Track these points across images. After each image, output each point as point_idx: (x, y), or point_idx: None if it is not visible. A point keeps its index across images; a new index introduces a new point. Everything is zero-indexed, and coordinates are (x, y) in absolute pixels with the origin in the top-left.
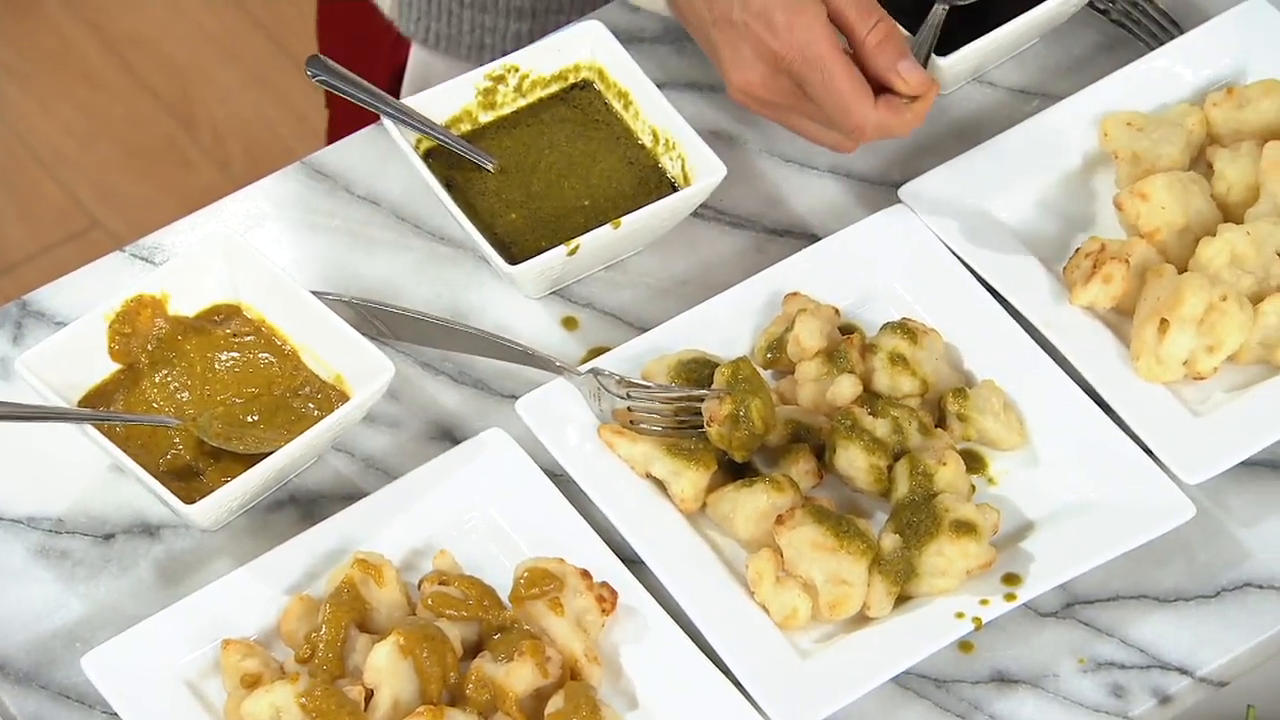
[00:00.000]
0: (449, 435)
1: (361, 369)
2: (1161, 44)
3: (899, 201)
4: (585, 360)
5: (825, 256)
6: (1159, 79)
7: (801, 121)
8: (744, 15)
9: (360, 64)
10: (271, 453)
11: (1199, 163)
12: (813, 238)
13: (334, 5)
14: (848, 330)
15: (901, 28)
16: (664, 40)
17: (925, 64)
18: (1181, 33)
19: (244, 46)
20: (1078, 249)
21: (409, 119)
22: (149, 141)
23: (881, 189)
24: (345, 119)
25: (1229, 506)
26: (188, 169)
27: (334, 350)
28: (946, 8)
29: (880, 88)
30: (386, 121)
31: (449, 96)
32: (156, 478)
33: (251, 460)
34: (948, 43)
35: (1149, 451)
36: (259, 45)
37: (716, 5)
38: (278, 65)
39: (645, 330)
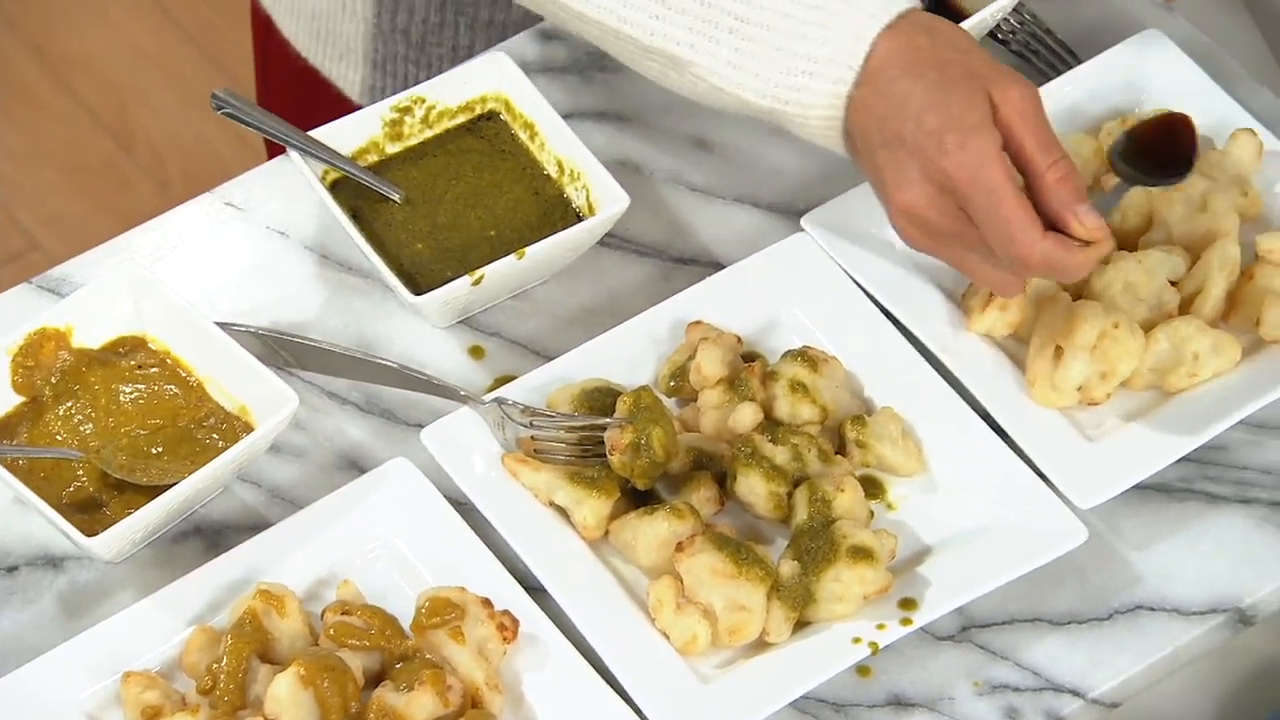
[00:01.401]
0: (355, 465)
1: (266, 400)
2: (1060, 74)
3: (802, 230)
4: (491, 389)
5: (728, 285)
6: (1057, 108)
7: (965, 255)
8: (916, 135)
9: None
10: (175, 484)
11: (1096, 191)
12: (718, 266)
13: (281, 79)
14: (750, 358)
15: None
16: (573, 70)
17: None
18: (1080, 63)
19: (182, 66)
20: None
21: (315, 151)
22: (88, 162)
23: (786, 217)
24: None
25: (1122, 530)
26: (126, 189)
27: (239, 381)
28: (1129, 187)
29: (1051, 227)
30: (293, 153)
31: (356, 128)
32: (59, 510)
33: (155, 492)
34: None
35: (1044, 476)
36: (197, 65)
37: (889, 127)
38: (216, 85)
39: (551, 359)
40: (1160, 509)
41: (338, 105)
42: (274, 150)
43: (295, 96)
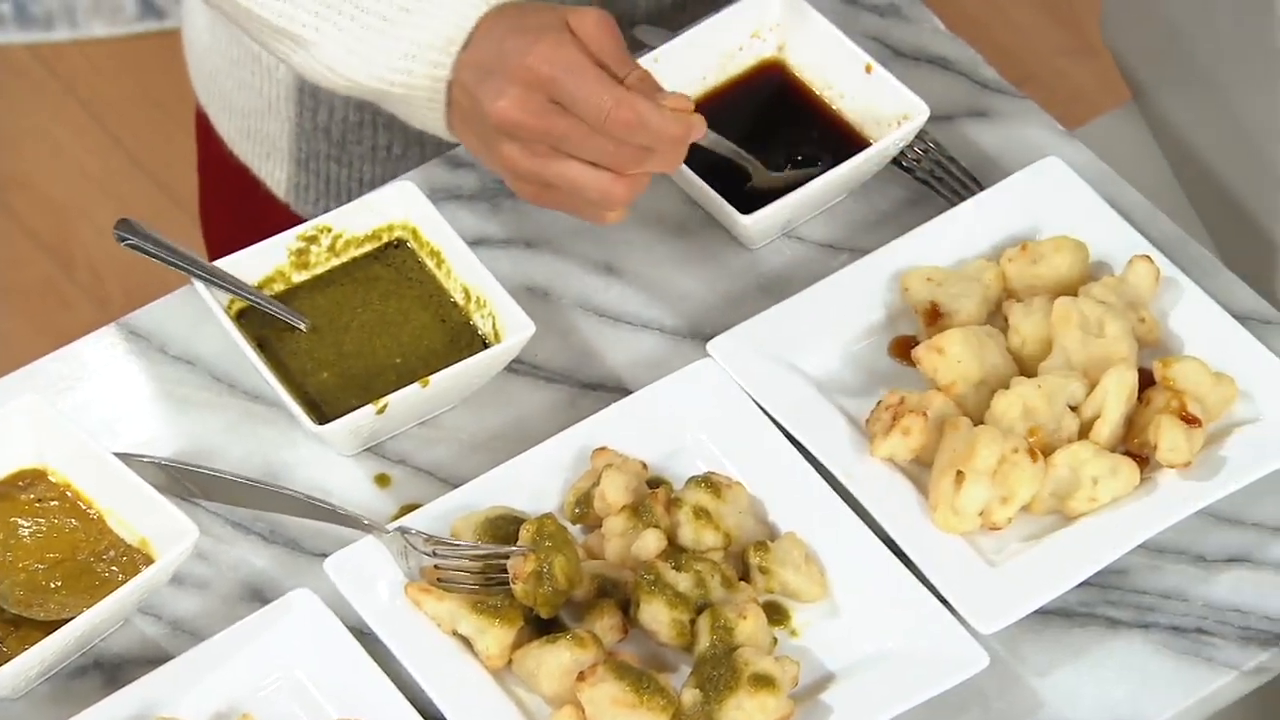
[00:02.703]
0: (259, 595)
1: (166, 532)
2: (963, 200)
3: (708, 355)
4: (397, 517)
5: (634, 411)
6: (959, 235)
7: (566, 161)
8: (500, 57)
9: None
10: (73, 619)
11: (996, 317)
12: (625, 391)
13: (218, 177)
14: (656, 484)
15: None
16: (481, 197)
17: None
18: (982, 189)
19: (124, 186)
20: (879, 401)
21: (220, 280)
22: (26, 282)
23: (692, 342)
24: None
25: (1024, 655)
26: (66, 309)
27: (139, 513)
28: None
29: None
30: (197, 284)
31: (262, 257)
32: None
33: (53, 627)
34: (757, 200)
35: (946, 602)
36: (139, 185)
37: (480, 70)
38: (156, 204)
39: (458, 485)
40: (1062, 633)
41: (268, 204)
42: None
43: (231, 195)
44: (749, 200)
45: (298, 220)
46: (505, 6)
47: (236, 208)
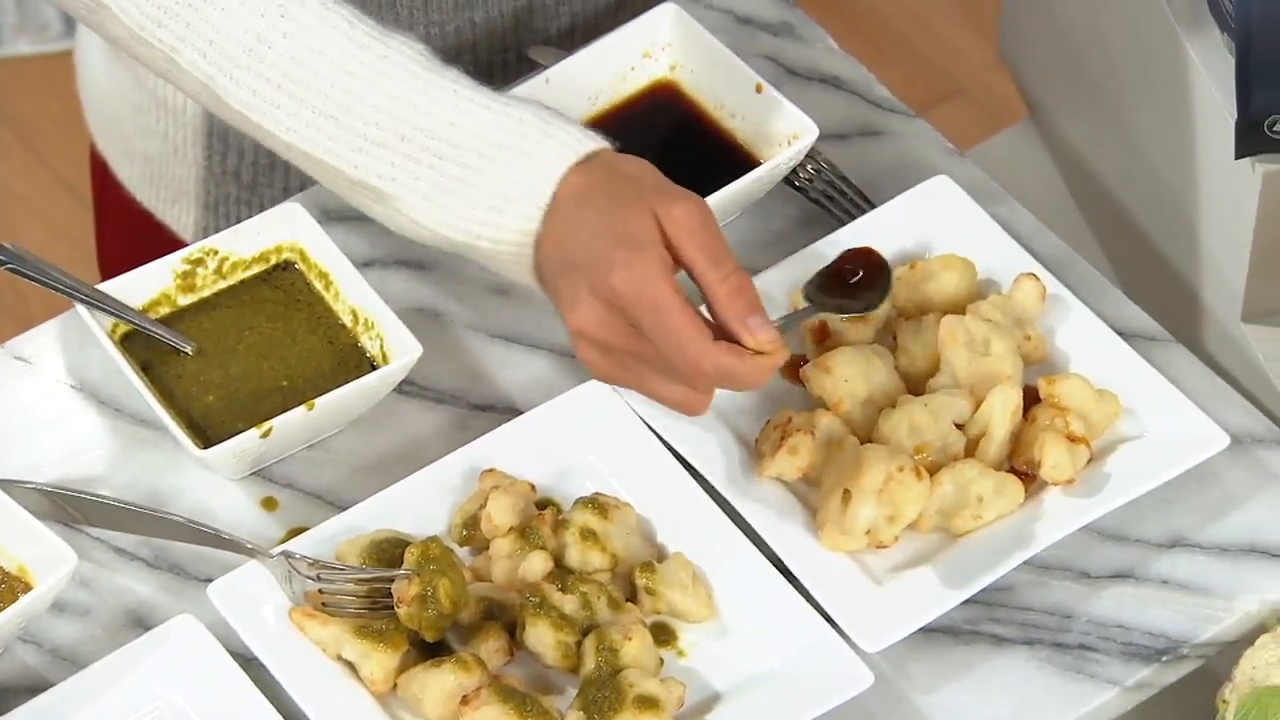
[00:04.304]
0: (142, 622)
1: (45, 559)
2: (855, 219)
3: None
4: (284, 541)
5: (523, 432)
6: None
7: (644, 376)
8: (587, 257)
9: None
10: None
11: (885, 335)
12: (516, 412)
13: (117, 223)
14: (545, 505)
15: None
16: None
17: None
18: (874, 208)
19: (51, 207)
20: (768, 420)
21: (104, 304)
22: None
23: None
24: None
25: (910, 673)
26: None
27: (17, 540)
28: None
29: (728, 338)
30: (80, 308)
31: (147, 280)
32: None
33: None
34: None
35: (832, 621)
36: (65, 205)
37: (565, 254)
38: (84, 224)
39: (346, 509)
40: (947, 651)
41: (172, 248)
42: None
43: (132, 242)
44: None
45: None
46: (595, 164)
47: (136, 253)
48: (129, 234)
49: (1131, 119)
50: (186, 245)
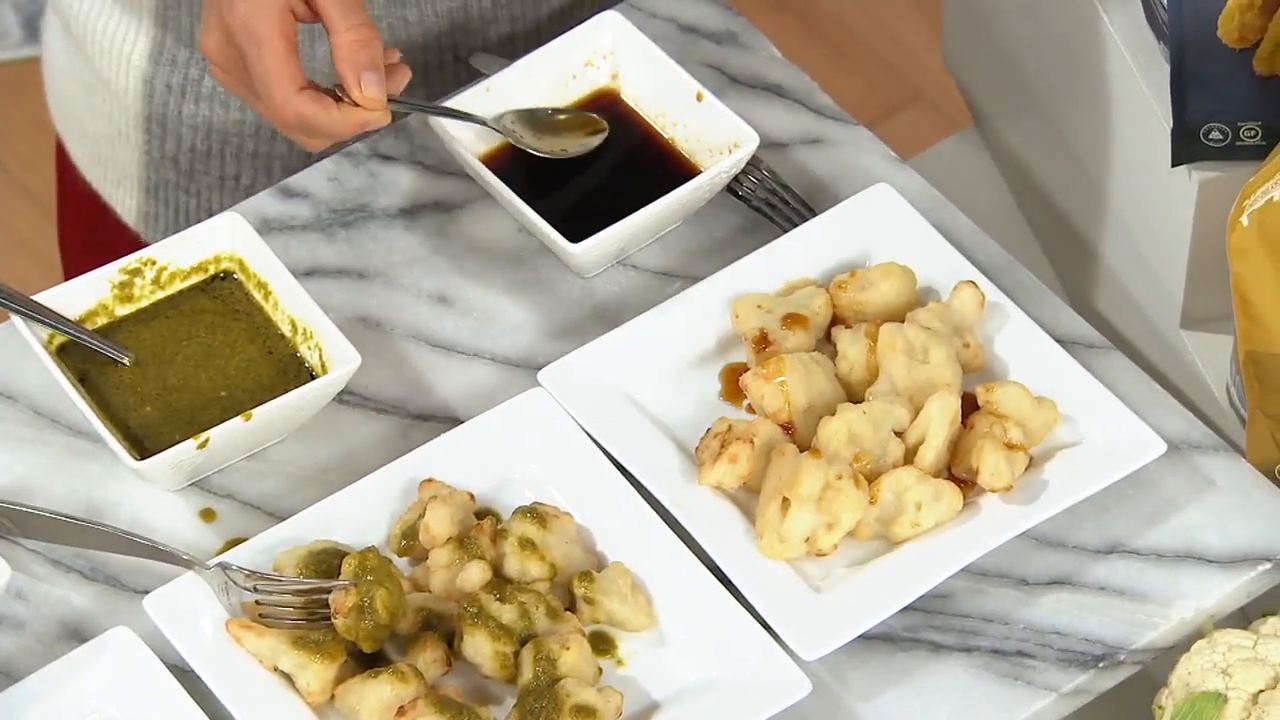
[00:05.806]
0: (78, 634)
1: None
2: (797, 227)
3: (539, 385)
4: (222, 552)
5: (463, 441)
6: (789, 262)
7: (258, 104)
8: None
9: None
10: None
11: (826, 344)
12: (457, 421)
13: (73, 203)
14: (484, 515)
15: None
16: (314, 227)
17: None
18: (815, 216)
19: (10, 214)
20: (708, 429)
21: (39, 315)
22: None
23: (524, 372)
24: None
25: (848, 681)
26: None
27: None
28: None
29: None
30: (15, 319)
31: (84, 290)
32: None
33: None
34: (588, 228)
35: (771, 629)
36: (24, 211)
37: None
38: (44, 230)
39: (285, 519)
40: (886, 659)
41: (118, 232)
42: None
43: (83, 222)
44: (582, 228)
45: None
46: None
47: (88, 235)
48: (82, 214)
49: (1070, 126)
50: (131, 230)
